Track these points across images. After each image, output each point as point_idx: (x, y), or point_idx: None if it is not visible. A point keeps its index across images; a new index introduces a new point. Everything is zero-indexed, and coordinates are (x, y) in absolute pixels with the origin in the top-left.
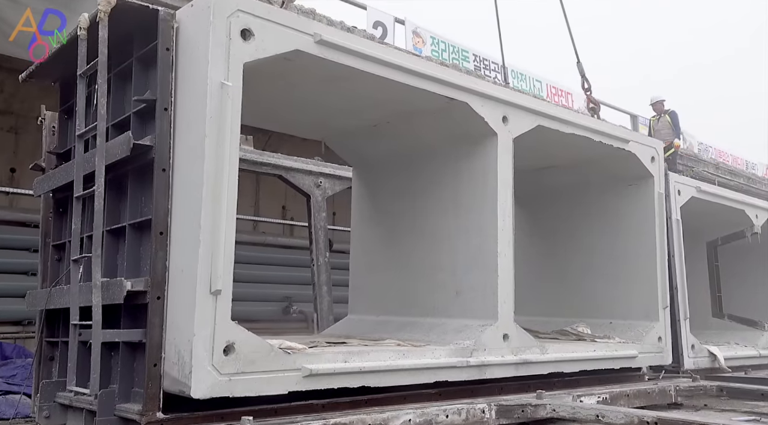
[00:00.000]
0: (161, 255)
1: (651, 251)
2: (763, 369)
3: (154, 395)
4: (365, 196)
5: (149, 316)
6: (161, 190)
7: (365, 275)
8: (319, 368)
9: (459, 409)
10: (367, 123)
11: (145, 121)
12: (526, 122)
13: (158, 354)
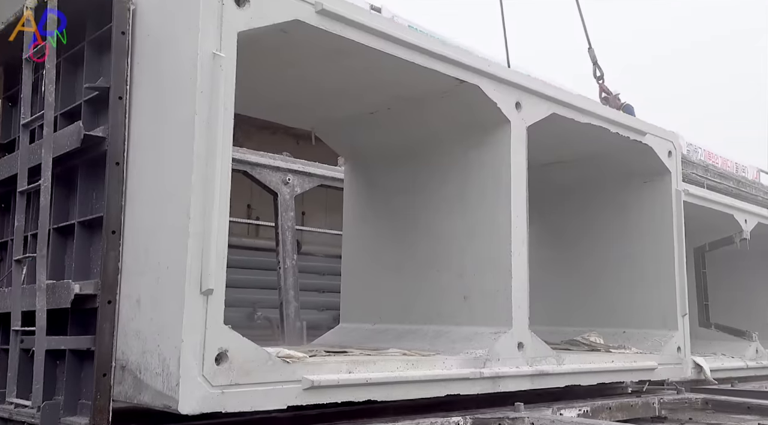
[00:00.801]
0: (113, 256)
1: (668, 254)
2: (750, 382)
3: (103, 407)
4: (360, 192)
5: (99, 321)
6: (114, 185)
7: (359, 280)
8: (321, 379)
9: (432, 422)
10: (364, 109)
11: (97, 110)
12: (540, 110)
13: (108, 363)
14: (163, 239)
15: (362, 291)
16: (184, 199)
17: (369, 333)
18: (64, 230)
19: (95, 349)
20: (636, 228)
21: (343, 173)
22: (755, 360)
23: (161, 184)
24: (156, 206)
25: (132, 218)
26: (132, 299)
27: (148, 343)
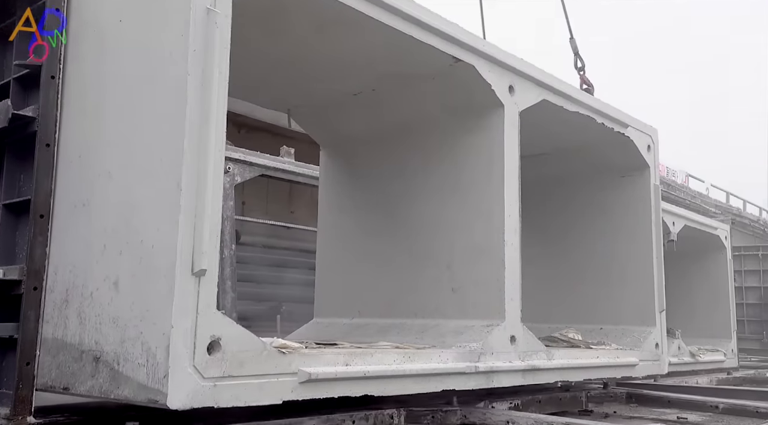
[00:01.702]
0: (41, 241)
1: (646, 249)
2: (672, 377)
3: (25, 398)
4: (338, 181)
5: (23, 308)
6: (43, 168)
7: (336, 273)
8: (319, 372)
9: (366, 415)
10: (347, 90)
11: (27, 89)
12: (531, 95)
13: (32, 352)
14: (147, 215)
15: (339, 284)
16: (173, 170)
17: (347, 328)
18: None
19: (18, 337)
20: (614, 223)
21: (284, 164)
22: (677, 356)
23: (142, 154)
24: (135, 178)
25: (104, 193)
26: (108, 282)
27: (128, 331)
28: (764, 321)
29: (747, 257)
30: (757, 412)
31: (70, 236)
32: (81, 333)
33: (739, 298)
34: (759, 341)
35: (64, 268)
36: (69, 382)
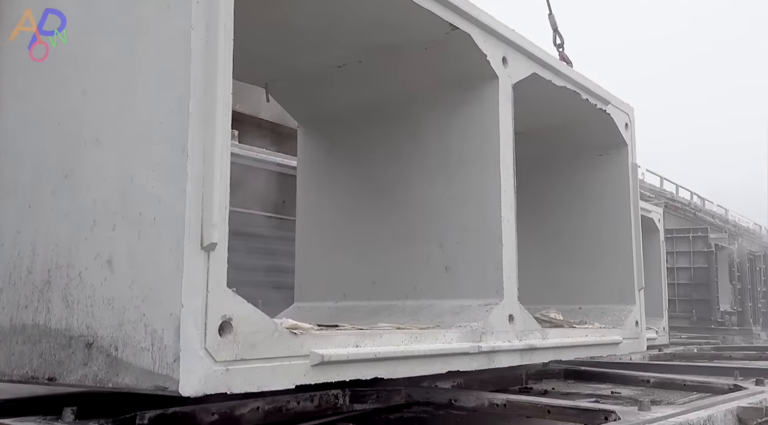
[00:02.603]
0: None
1: (625, 228)
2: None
3: None
4: (318, 159)
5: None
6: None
7: (318, 255)
8: (331, 354)
9: (311, 395)
10: (332, 62)
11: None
12: (523, 68)
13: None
14: (145, 185)
15: (321, 267)
16: (177, 134)
17: (332, 312)
18: None
19: None
20: (591, 202)
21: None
22: None
23: (136, 119)
24: (129, 145)
25: (91, 163)
26: (100, 261)
27: (127, 313)
28: (694, 300)
29: (679, 240)
30: (685, 385)
31: (50, 211)
32: (68, 317)
33: (671, 278)
34: (688, 319)
35: (45, 247)
36: (55, 372)
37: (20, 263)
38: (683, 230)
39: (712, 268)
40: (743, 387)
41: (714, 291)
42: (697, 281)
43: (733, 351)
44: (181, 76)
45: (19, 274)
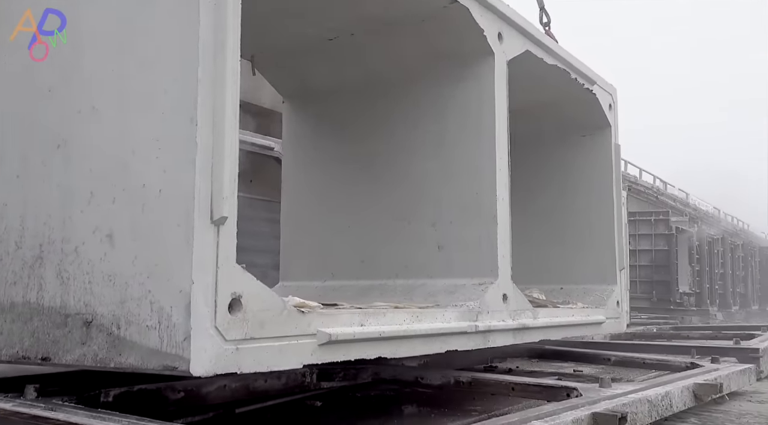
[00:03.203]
0: None
1: (608, 209)
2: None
3: None
4: (305, 135)
5: None
6: None
7: (304, 233)
8: (338, 332)
9: (279, 373)
10: (323, 35)
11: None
12: (517, 44)
13: None
14: (149, 156)
15: (308, 246)
16: (185, 102)
17: (320, 291)
18: None
19: None
20: (574, 183)
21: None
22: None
23: (137, 86)
24: (130, 113)
25: (87, 132)
26: (99, 235)
27: (130, 289)
28: (654, 281)
29: (641, 222)
30: (644, 363)
31: (41, 182)
32: (63, 294)
33: (633, 260)
34: (649, 300)
35: (36, 220)
36: (50, 351)
37: (7, 238)
38: (646, 213)
39: (672, 250)
40: (700, 365)
41: (674, 273)
42: (657, 263)
43: (690, 330)
44: (189, 40)
45: (6, 249)
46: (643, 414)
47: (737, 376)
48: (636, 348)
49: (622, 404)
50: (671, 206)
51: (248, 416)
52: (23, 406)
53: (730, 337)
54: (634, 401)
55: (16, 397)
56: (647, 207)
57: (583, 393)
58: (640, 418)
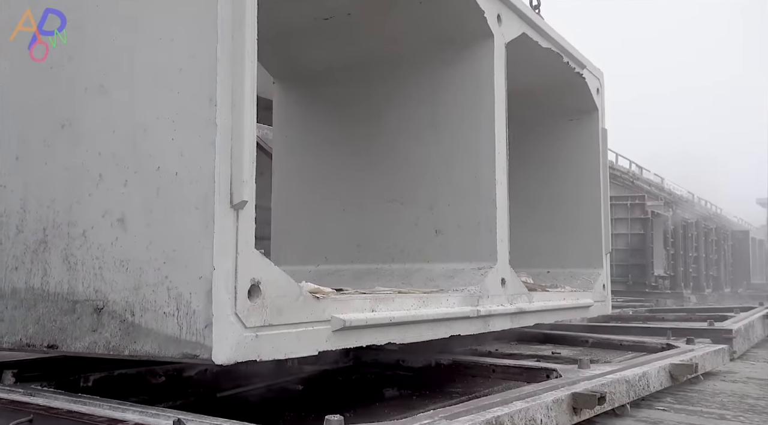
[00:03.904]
0: None
1: (594, 193)
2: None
3: None
4: (296, 117)
5: None
6: None
7: (296, 217)
8: (351, 318)
9: None
10: (319, 14)
11: None
12: (515, 27)
13: None
14: (163, 137)
15: (300, 230)
16: (203, 82)
17: (314, 276)
18: None
19: None
20: (562, 167)
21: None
22: None
23: (149, 65)
24: (141, 93)
25: (95, 111)
26: (110, 219)
27: (145, 275)
28: (630, 265)
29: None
30: (621, 345)
31: (44, 164)
32: (71, 280)
33: None
34: (625, 283)
35: (39, 203)
36: (57, 338)
37: (7, 221)
38: (622, 197)
39: (648, 234)
40: (675, 345)
41: (649, 257)
42: (633, 247)
43: (665, 313)
44: (207, 17)
45: (6, 233)
46: (621, 393)
47: (711, 356)
48: (613, 330)
49: (601, 384)
50: (647, 191)
51: (229, 400)
52: (2, 392)
53: (704, 319)
54: (613, 381)
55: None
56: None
57: (562, 374)
58: (618, 398)
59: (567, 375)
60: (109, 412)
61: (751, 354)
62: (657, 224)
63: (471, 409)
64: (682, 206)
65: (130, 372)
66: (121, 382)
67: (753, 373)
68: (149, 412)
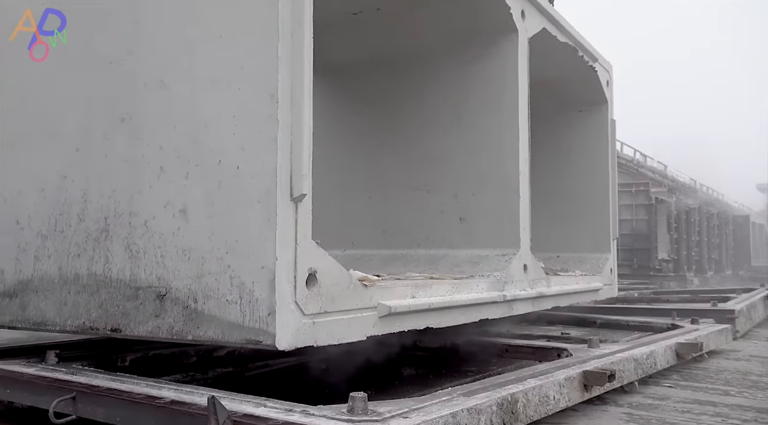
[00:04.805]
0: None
1: (603, 181)
2: None
3: None
4: (324, 108)
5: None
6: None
7: (324, 202)
8: (396, 305)
9: None
10: (348, 8)
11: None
12: (536, 23)
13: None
14: (224, 132)
15: (327, 216)
16: (264, 80)
17: (340, 261)
18: None
19: None
20: (571, 156)
21: None
22: None
23: (210, 63)
24: (202, 90)
25: (155, 106)
26: (171, 210)
27: (207, 264)
28: (634, 249)
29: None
30: (628, 325)
31: (104, 156)
32: (133, 267)
33: None
34: (629, 267)
35: (100, 193)
36: (120, 323)
37: (68, 210)
38: (626, 184)
39: (652, 220)
40: (680, 325)
41: (653, 241)
42: (638, 232)
43: (670, 294)
44: (268, 16)
45: (67, 221)
46: (630, 371)
47: (715, 336)
48: (619, 311)
49: (610, 362)
50: (651, 178)
51: (256, 377)
52: (46, 371)
53: (707, 300)
54: (621, 360)
55: (38, 362)
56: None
57: (573, 353)
58: (627, 375)
59: (577, 354)
60: (146, 389)
61: (753, 333)
62: (661, 210)
63: (487, 386)
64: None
65: (164, 353)
66: (155, 362)
67: (755, 351)
68: (184, 390)
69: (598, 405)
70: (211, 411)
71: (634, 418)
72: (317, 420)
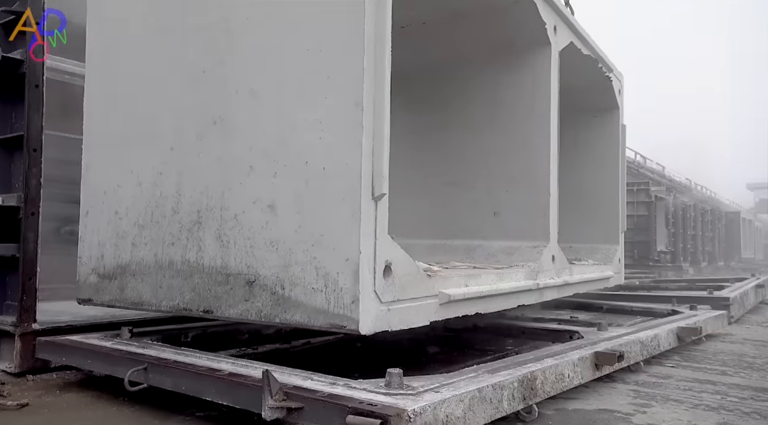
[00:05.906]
0: (35, 172)
1: (614, 179)
2: None
3: (29, 307)
4: None
5: (23, 231)
6: (34, 106)
7: None
8: (453, 293)
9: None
10: (398, 22)
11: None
12: (565, 37)
13: (33, 269)
14: (310, 136)
15: None
16: (350, 89)
17: None
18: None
19: (20, 256)
20: (585, 157)
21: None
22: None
23: (297, 72)
24: (290, 97)
25: (246, 111)
26: (260, 205)
27: (294, 255)
28: (635, 241)
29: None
30: (632, 310)
31: (197, 155)
32: (224, 256)
33: None
34: (631, 257)
35: (193, 189)
36: (212, 305)
37: (163, 203)
38: (629, 183)
39: (651, 216)
40: (680, 311)
41: (652, 235)
42: (638, 226)
43: (668, 283)
44: (355, 31)
45: (162, 213)
46: (636, 352)
47: (713, 321)
48: (623, 297)
49: (619, 344)
50: (650, 178)
51: (300, 353)
52: (121, 344)
53: (704, 288)
54: (629, 342)
55: (114, 337)
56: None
57: (584, 335)
58: (634, 356)
59: (588, 337)
60: (207, 363)
61: (746, 318)
62: (659, 207)
63: (509, 365)
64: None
65: (219, 330)
66: (213, 338)
67: (749, 335)
68: (240, 363)
69: (607, 383)
70: (265, 383)
71: (641, 395)
72: (359, 392)
